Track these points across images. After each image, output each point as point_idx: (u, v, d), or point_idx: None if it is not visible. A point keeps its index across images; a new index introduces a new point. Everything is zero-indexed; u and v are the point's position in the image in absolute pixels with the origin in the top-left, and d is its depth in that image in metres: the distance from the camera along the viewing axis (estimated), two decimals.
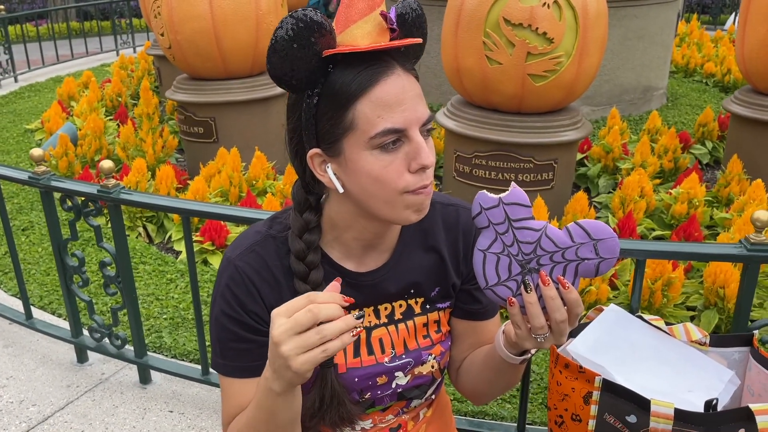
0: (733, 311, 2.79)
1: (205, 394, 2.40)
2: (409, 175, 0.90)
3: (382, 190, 0.91)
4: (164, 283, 3.24)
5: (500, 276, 0.94)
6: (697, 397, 1.41)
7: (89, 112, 5.50)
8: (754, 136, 4.09)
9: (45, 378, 2.51)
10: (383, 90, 0.88)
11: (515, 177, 3.65)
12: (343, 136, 0.90)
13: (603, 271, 0.92)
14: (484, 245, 0.94)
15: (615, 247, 0.89)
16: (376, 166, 0.89)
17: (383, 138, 0.88)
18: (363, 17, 0.89)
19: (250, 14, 4.33)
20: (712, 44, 8.00)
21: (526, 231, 0.91)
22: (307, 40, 0.86)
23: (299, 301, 0.80)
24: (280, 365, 0.81)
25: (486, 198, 0.92)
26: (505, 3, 3.33)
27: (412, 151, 0.90)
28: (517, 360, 1.02)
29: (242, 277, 1.00)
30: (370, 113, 0.88)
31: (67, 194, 2.24)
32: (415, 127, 0.90)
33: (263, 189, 4.06)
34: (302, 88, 0.91)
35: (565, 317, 0.90)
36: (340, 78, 0.89)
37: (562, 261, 0.91)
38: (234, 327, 1.00)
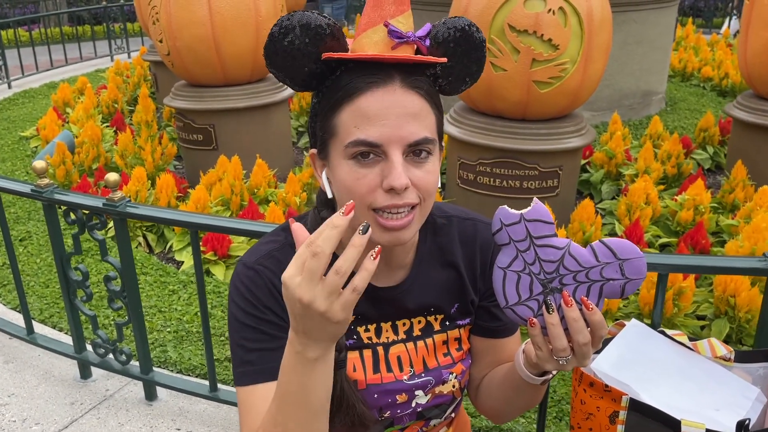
0: (744, 320, 2.77)
1: (212, 411, 2.35)
2: (381, 192, 0.87)
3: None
4: (166, 295, 3.19)
5: (521, 295, 0.91)
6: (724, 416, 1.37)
7: (86, 119, 5.43)
8: (757, 142, 4.08)
9: (48, 395, 2.45)
10: (366, 101, 0.86)
11: (520, 184, 3.63)
12: (328, 140, 0.90)
13: (629, 292, 0.88)
14: (505, 263, 0.91)
15: (642, 268, 0.86)
16: (349, 176, 0.88)
17: (354, 149, 0.86)
18: (372, 26, 0.87)
19: (250, 20, 4.29)
20: (708, 48, 8.01)
21: (548, 249, 0.88)
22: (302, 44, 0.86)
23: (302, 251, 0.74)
24: (317, 324, 0.76)
25: (507, 213, 0.89)
26: (510, 9, 3.30)
27: (386, 168, 0.87)
28: (537, 381, 0.99)
29: (262, 278, 0.98)
30: (348, 121, 0.87)
31: (71, 207, 2.19)
32: (396, 146, 0.86)
33: (265, 197, 4.01)
34: (302, 88, 0.91)
35: (589, 339, 0.87)
36: (337, 82, 0.88)
37: (585, 281, 0.88)
38: (258, 325, 0.97)
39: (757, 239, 2.98)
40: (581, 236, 3.28)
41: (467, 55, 0.94)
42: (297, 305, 0.75)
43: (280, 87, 4.76)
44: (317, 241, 0.73)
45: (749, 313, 2.74)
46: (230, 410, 2.34)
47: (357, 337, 1.04)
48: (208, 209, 3.73)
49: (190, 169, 4.80)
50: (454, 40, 0.92)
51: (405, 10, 0.87)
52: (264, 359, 0.96)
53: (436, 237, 1.08)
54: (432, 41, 0.91)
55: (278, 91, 4.71)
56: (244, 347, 0.97)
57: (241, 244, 3.50)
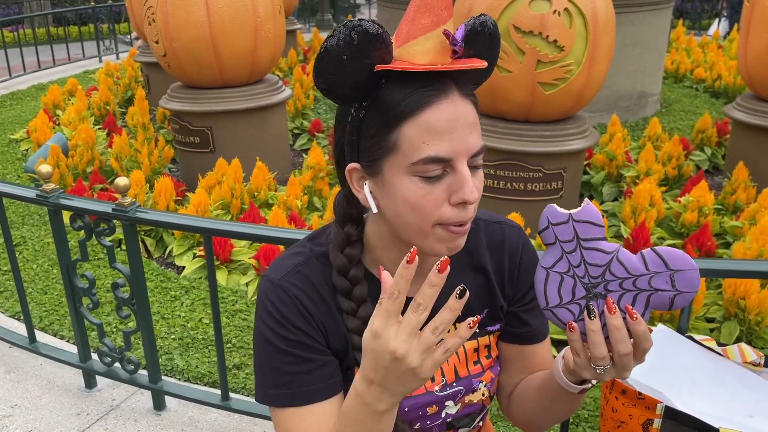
0: (754, 322, 2.77)
1: (223, 420, 2.30)
2: (448, 207, 0.85)
3: (416, 219, 0.86)
4: (168, 301, 3.13)
5: (562, 297, 0.88)
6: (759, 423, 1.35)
7: (78, 122, 5.34)
8: (757, 143, 4.10)
9: (52, 406, 2.38)
10: (433, 115, 0.81)
11: (524, 186, 3.61)
12: (385, 157, 0.85)
13: (678, 306, 0.84)
14: (549, 263, 0.88)
15: (695, 281, 0.82)
16: (414, 193, 0.84)
17: (425, 166, 0.82)
18: (425, 33, 0.82)
19: (248, 21, 4.24)
20: (699, 50, 8.06)
21: (595, 252, 0.85)
22: (359, 53, 0.81)
23: (391, 305, 0.73)
24: (401, 379, 0.75)
25: (555, 212, 0.85)
26: (514, 10, 3.28)
27: (455, 183, 0.84)
28: (575, 389, 0.95)
29: (291, 298, 0.93)
30: (415, 137, 0.82)
31: (78, 213, 2.13)
32: (463, 159, 0.83)
33: (265, 200, 3.96)
34: (350, 100, 0.86)
35: (630, 350, 0.83)
36: (390, 95, 0.83)
37: (632, 289, 0.84)
38: (290, 348, 0.93)
39: (765, 241, 2.97)
40: None
41: (492, 55, 0.91)
42: (387, 357, 0.74)
43: (278, 89, 4.71)
44: (418, 299, 0.73)
45: (759, 315, 2.73)
46: (242, 419, 2.29)
47: None
48: (209, 213, 3.67)
49: (186, 172, 4.74)
50: (483, 40, 0.88)
51: (452, 15, 0.84)
52: (299, 382, 0.93)
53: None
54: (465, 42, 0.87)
55: (276, 92, 4.66)
56: (277, 370, 0.93)
57: (243, 249, 3.45)
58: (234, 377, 2.53)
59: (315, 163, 4.17)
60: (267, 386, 0.95)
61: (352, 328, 0.94)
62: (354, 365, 0.97)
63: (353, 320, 0.94)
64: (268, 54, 4.45)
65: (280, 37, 4.52)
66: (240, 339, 2.78)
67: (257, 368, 0.97)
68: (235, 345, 2.74)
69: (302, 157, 5.19)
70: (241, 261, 3.40)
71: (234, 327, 2.87)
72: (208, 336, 2.81)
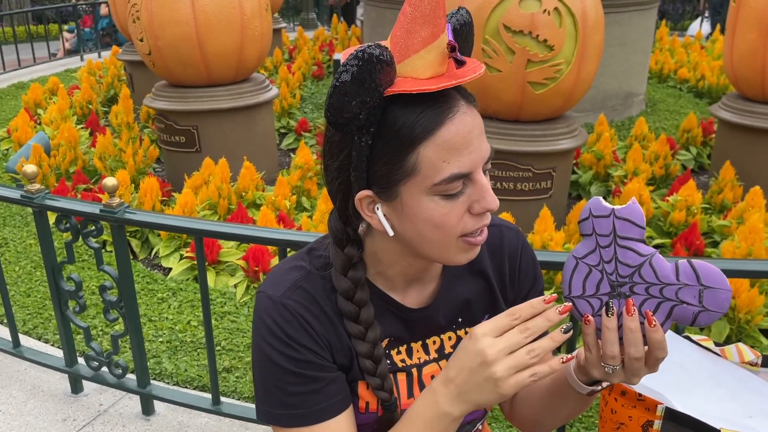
0: (744, 321, 2.78)
1: (214, 425, 2.26)
2: (469, 217, 0.83)
3: (440, 236, 0.84)
4: (155, 303, 3.08)
5: (586, 289, 0.87)
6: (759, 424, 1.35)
7: (60, 121, 5.25)
8: (743, 142, 4.13)
9: (38, 411, 2.33)
10: (450, 132, 0.78)
11: (514, 186, 3.60)
12: (402, 181, 0.81)
13: (702, 323, 0.82)
14: (581, 253, 0.87)
15: (724, 302, 0.79)
16: (437, 213, 0.81)
17: (449, 185, 0.80)
18: (426, 46, 0.78)
19: (235, 19, 4.19)
20: (683, 50, 8.13)
21: (630, 252, 0.83)
22: (370, 82, 0.76)
23: (503, 320, 0.78)
24: (480, 386, 0.78)
25: (599, 205, 0.84)
26: (504, 9, 3.27)
27: (475, 193, 0.82)
28: (585, 390, 0.94)
29: (293, 315, 0.90)
30: (435, 158, 0.79)
31: (64, 214, 2.08)
32: (480, 167, 0.81)
33: (253, 201, 3.92)
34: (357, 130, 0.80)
35: (641, 355, 0.82)
36: (401, 118, 0.79)
37: (658, 297, 0.83)
38: (297, 368, 0.89)
39: (753, 240, 2.99)
40: (578, 237, 3.26)
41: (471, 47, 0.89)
42: (477, 359, 0.77)
43: (264, 87, 4.67)
44: (529, 323, 0.78)
45: (749, 314, 2.75)
46: (233, 424, 2.25)
47: (390, 361, 0.98)
48: (195, 213, 3.62)
49: (171, 172, 4.68)
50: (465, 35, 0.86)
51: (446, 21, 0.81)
52: (308, 402, 0.90)
53: None
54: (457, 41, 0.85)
55: (263, 91, 4.61)
56: (283, 390, 0.90)
57: (230, 250, 3.41)
58: (224, 381, 2.49)
59: (303, 162, 4.13)
60: (272, 406, 0.91)
61: (362, 353, 0.91)
62: (359, 379, 0.95)
63: (363, 344, 0.91)
64: (255, 52, 4.40)
65: (266, 35, 4.48)
66: (229, 341, 2.74)
67: (259, 387, 0.93)
68: (224, 348, 2.70)
69: (289, 157, 5.15)
70: (229, 262, 3.36)
71: (223, 329, 2.83)
72: (196, 339, 2.77)
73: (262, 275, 3.11)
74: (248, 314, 2.95)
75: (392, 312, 0.96)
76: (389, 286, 0.96)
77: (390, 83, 0.78)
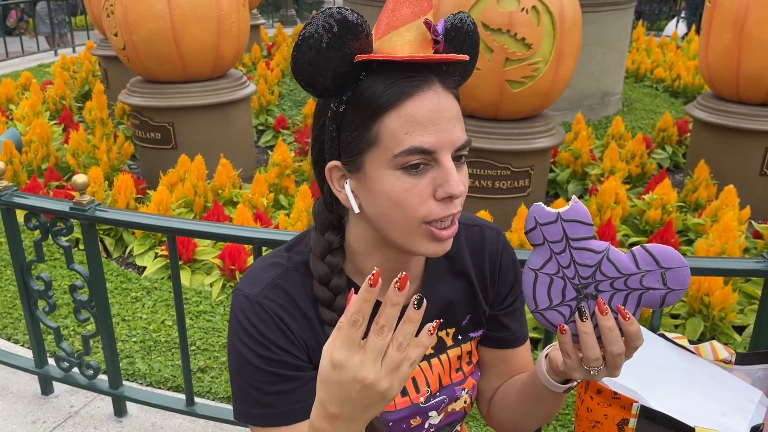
0: (718, 318, 2.81)
1: (188, 426, 2.22)
2: (434, 202, 0.81)
3: (401, 216, 0.81)
4: (129, 302, 3.03)
5: (552, 300, 0.86)
6: (733, 421, 1.36)
7: (32, 117, 5.15)
8: (718, 142, 4.18)
9: (6, 413, 2.27)
10: (416, 105, 0.78)
11: (492, 184, 3.60)
12: (366, 151, 0.81)
13: (669, 303, 0.83)
14: (537, 264, 0.85)
15: (686, 278, 0.80)
16: (397, 187, 0.80)
17: (408, 157, 0.78)
18: (406, 24, 0.79)
19: (211, 14, 4.14)
20: (659, 50, 8.22)
21: (585, 252, 0.82)
22: (338, 41, 0.77)
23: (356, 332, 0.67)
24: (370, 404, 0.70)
25: (543, 212, 0.82)
26: (483, 7, 3.27)
27: (440, 176, 0.80)
28: (560, 388, 0.93)
29: (269, 315, 0.88)
30: (397, 129, 0.78)
31: (33, 212, 2.03)
32: (447, 151, 0.80)
33: (230, 198, 3.87)
34: (330, 94, 0.82)
35: (623, 350, 0.82)
36: (371, 87, 0.79)
37: (623, 289, 0.82)
38: (273, 368, 0.88)
39: (727, 238, 3.03)
40: None
41: (472, 51, 0.89)
42: (355, 387, 0.68)
43: (242, 84, 4.62)
44: (380, 320, 0.67)
45: (723, 311, 2.78)
46: (207, 425, 2.22)
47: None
48: (171, 211, 3.56)
49: (146, 169, 4.61)
50: (463, 37, 0.86)
51: (432, 7, 0.81)
52: (283, 402, 0.89)
53: None
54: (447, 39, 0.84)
55: (240, 88, 4.56)
56: (259, 390, 0.89)
57: (206, 248, 3.36)
58: (199, 381, 2.45)
59: (281, 160, 4.09)
60: (249, 406, 0.90)
61: None
62: None
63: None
64: (232, 48, 4.35)
65: (244, 31, 4.43)
66: (204, 341, 2.70)
67: (235, 386, 0.92)
68: (199, 347, 2.66)
69: (267, 154, 5.11)
70: (204, 260, 3.31)
71: (198, 329, 2.79)
72: (171, 338, 2.73)
73: (238, 274, 3.08)
74: (224, 313, 2.91)
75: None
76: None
77: (363, 52, 0.79)
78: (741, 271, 1.68)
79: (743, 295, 3.02)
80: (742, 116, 4.04)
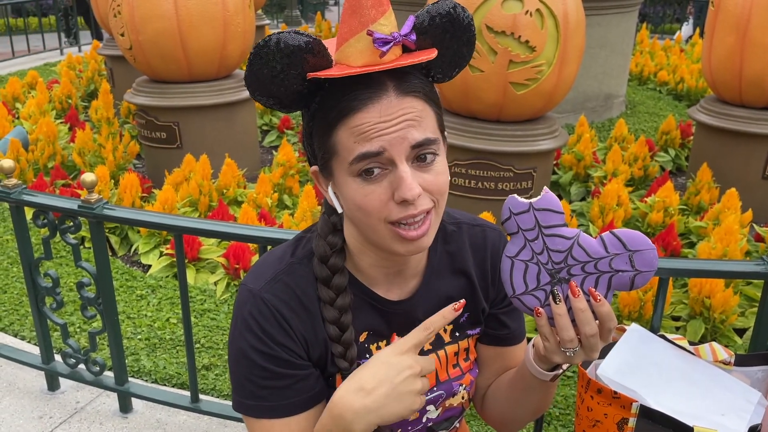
0: (719, 321, 2.82)
1: (193, 423, 2.25)
2: (393, 204, 0.84)
3: (365, 218, 0.86)
4: (134, 300, 3.06)
5: (528, 285, 0.91)
6: (731, 422, 1.37)
7: (39, 115, 5.19)
8: (720, 145, 4.19)
9: (13, 409, 2.30)
10: (361, 119, 0.81)
11: (495, 186, 3.62)
12: (331, 159, 0.86)
13: (639, 285, 0.87)
14: (513, 252, 0.90)
15: (653, 260, 0.85)
16: (357, 194, 0.84)
17: (359, 164, 0.82)
18: (354, 35, 0.81)
19: (217, 15, 4.16)
20: (663, 53, 8.23)
21: (557, 239, 0.87)
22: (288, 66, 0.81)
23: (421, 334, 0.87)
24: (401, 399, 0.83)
25: (516, 203, 0.88)
26: (487, 10, 3.29)
27: (395, 181, 0.83)
28: (547, 376, 0.97)
29: (271, 310, 0.91)
30: (346, 140, 0.82)
31: (42, 210, 2.06)
32: (401, 155, 0.82)
33: (234, 198, 3.90)
34: (291, 109, 0.86)
35: (596, 331, 0.86)
36: (328, 100, 0.84)
37: (594, 272, 0.87)
38: (269, 364, 0.91)
39: (729, 241, 3.04)
40: None
41: (457, 38, 0.88)
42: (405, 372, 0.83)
43: None
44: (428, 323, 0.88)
45: (723, 313, 2.79)
46: (211, 422, 2.24)
47: (369, 356, 0.99)
48: (176, 210, 3.59)
49: (152, 168, 4.64)
50: (442, 26, 0.86)
51: (386, 11, 0.81)
52: (278, 396, 0.92)
53: (446, 244, 1.05)
54: (418, 33, 0.84)
55: (245, 88, 4.59)
56: (254, 383, 0.92)
57: (211, 247, 3.39)
58: (203, 378, 2.48)
59: (285, 160, 4.12)
60: (244, 397, 0.93)
61: (329, 318, 0.93)
62: (336, 372, 0.96)
63: (331, 310, 0.93)
64: (237, 49, 4.38)
65: (249, 32, 4.46)
66: (209, 339, 2.73)
67: (233, 377, 0.95)
68: (204, 345, 2.69)
69: (271, 155, 5.14)
70: (209, 259, 3.34)
71: (203, 327, 2.81)
72: (176, 336, 2.75)
73: (242, 273, 3.10)
74: (228, 312, 2.94)
75: (371, 305, 0.98)
76: (371, 282, 0.98)
77: (318, 68, 0.82)
78: (741, 274, 1.70)
79: (744, 298, 3.04)
80: (744, 120, 4.05)
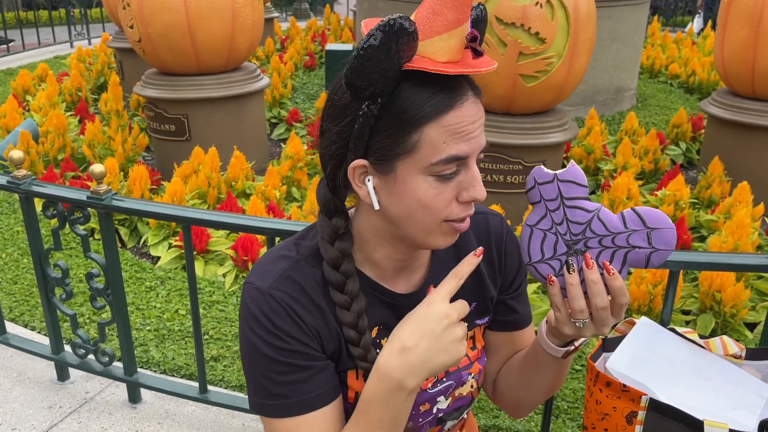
0: (729, 315, 2.80)
1: (201, 413, 2.26)
2: (456, 204, 0.85)
3: (426, 217, 0.85)
4: (143, 292, 3.07)
5: (544, 253, 0.92)
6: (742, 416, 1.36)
7: (49, 108, 5.21)
8: (732, 138, 4.15)
9: (23, 399, 2.32)
10: (457, 116, 0.80)
11: (504, 179, 3.61)
12: (401, 156, 0.82)
13: (654, 263, 0.88)
14: (533, 220, 0.91)
15: (671, 239, 0.85)
16: (428, 193, 0.83)
17: (445, 166, 0.82)
18: (449, 30, 0.79)
19: (226, 7, 4.16)
20: (674, 45, 8.16)
21: (578, 211, 0.88)
22: (395, 51, 0.77)
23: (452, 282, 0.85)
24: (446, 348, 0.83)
25: (541, 173, 0.89)
26: (497, 1, 3.27)
27: (466, 181, 0.84)
28: (559, 352, 0.97)
29: (282, 306, 0.90)
30: (437, 139, 0.80)
31: (51, 201, 2.07)
32: (474, 157, 0.84)
33: (242, 190, 3.90)
34: (368, 98, 0.81)
35: (607, 305, 0.87)
36: (412, 95, 0.80)
37: (611, 246, 0.88)
38: (285, 357, 0.90)
39: (740, 234, 3.02)
40: None
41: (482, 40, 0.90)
42: (443, 322, 0.82)
43: (255, 77, 4.64)
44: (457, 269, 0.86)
45: (734, 307, 2.77)
46: (219, 412, 2.25)
47: (380, 349, 0.99)
48: (184, 202, 3.60)
49: (161, 161, 4.65)
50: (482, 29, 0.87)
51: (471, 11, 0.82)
52: (298, 391, 0.90)
53: None
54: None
55: (254, 81, 4.59)
56: (272, 380, 0.90)
57: (220, 239, 3.40)
58: (212, 369, 2.49)
59: (294, 153, 4.12)
60: (263, 397, 0.91)
61: (347, 322, 0.91)
62: (349, 368, 0.95)
63: (347, 314, 0.91)
64: (246, 41, 4.38)
65: (258, 24, 4.46)
66: (217, 330, 2.74)
67: (249, 378, 0.93)
68: (212, 337, 2.70)
69: (280, 147, 5.14)
70: (218, 251, 3.35)
71: (211, 318, 2.82)
72: (184, 327, 2.76)
73: (250, 265, 3.11)
74: (236, 303, 2.94)
75: (381, 299, 0.97)
76: (379, 275, 0.97)
77: (410, 58, 0.79)
78: (752, 267, 1.68)
79: (755, 292, 3.02)
80: (757, 113, 4.01)
